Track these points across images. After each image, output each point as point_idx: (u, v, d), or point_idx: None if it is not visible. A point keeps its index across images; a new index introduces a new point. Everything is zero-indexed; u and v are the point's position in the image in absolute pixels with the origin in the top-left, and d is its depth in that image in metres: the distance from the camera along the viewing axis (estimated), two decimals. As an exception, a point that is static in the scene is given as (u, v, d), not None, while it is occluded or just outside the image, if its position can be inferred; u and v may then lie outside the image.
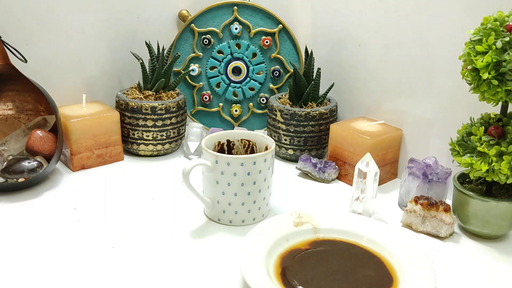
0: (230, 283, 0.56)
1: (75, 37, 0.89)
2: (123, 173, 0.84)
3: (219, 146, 0.73)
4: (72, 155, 0.82)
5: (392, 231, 0.63)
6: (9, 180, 0.74)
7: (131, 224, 0.68)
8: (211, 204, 0.68)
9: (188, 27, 0.97)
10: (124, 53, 0.96)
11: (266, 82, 0.99)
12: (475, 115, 0.68)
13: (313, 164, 0.83)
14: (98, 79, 0.94)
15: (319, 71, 0.88)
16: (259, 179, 0.67)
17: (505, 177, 0.61)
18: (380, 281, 0.56)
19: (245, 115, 1.00)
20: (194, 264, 0.60)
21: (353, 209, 0.71)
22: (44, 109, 0.85)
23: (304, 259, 0.59)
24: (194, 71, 0.98)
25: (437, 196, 0.72)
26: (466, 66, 0.61)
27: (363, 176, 0.69)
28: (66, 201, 0.73)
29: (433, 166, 0.73)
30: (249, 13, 0.97)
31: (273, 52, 0.98)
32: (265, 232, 0.62)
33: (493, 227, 0.65)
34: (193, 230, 0.67)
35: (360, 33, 0.87)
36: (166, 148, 0.90)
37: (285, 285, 0.55)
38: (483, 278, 0.60)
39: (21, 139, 0.82)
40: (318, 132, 0.87)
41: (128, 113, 0.87)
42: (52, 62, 0.88)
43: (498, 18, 0.59)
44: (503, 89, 0.58)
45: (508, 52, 0.57)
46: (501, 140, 0.62)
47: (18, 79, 0.81)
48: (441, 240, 0.67)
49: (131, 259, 0.60)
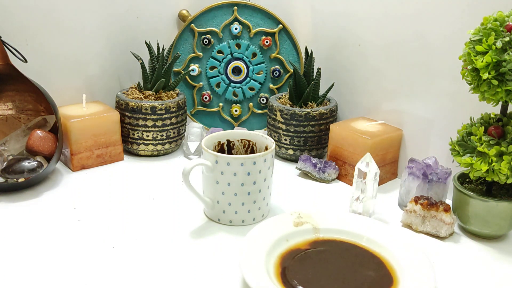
0: (230, 283, 0.56)
1: (75, 37, 0.89)
2: (123, 173, 0.84)
3: (219, 146, 0.73)
4: (72, 155, 0.82)
5: (392, 231, 0.63)
6: (9, 180, 0.74)
7: (131, 224, 0.68)
8: (211, 204, 0.68)
9: (188, 27, 0.97)
10: (124, 53, 0.96)
11: (266, 82, 0.99)
12: (475, 115, 0.68)
13: (313, 164, 0.83)
14: (98, 79, 0.94)
15: (319, 71, 0.88)
16: (259, 179, 0.67)
17: (505, 177, 0.61)
18: (380, 281, 0.56)
19: (245, 115, 1.00)
20: (194, 264, 0.60)
21: (353, 209, 0.71)
22: (44, 109, 0.85)
23: (304, 259, 0.59)
24: (194, 71, 0.98)
25: (437, 196, 0.72)
26: (466, 66, 0.61)
27: (363, 176, 0.69)
28: (66, 201, 0.73)
29: (433, 166, 0.73)
30: (249, 13, 0.97)
31: (273, 52, 0.98)
32: (265, 232, 0.62)
33: (493, 227, 0.65)
34: (193, 230, 0.67)
35: (360, 33, 0.87)
36: (166, 148, 0.90)
37: (285, 285, 0.55)
38: (483, 278, 0.60)
39: (21, 139, 0.82)
40: (318, 132, 0.87)
41: (128, 113, 0.87)
42: (52, 62, 0.88)
43: (498, 18, 0.59)
44: (503, 89, 0.58)
45: (508, 52, 0.57)
46: (501, 140, 0.62)
47: (18, 79, 0.81)
48: (441, 240, 0.67)
49: (131, 259, 0.60)
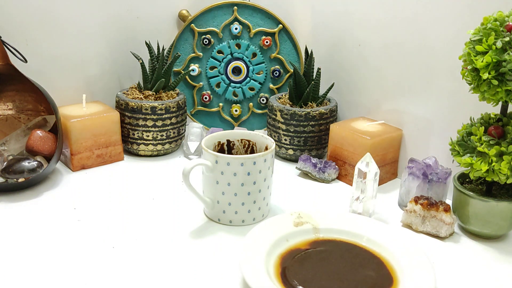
0: (230, 283, 0.56)
1: (75, 37, 0.89)
2: (123, 173, 0.84)
3: (219, 146, 0.73)
4: (72, 155, 0.82)
5: (392, 231, 0.63)
6: (9, 180, 0.74)
7: (131, 224, 0.68)
8: (211, 204, 0.68)
9: (188, 27, 0.97)
10: (124, 53, 0.96)
11: (266, 82, 0.99)
12: (475, 115, 0.68)
13: (313, 164, 0.83)
14: (98, 79, 0.94)
15: (319, 71, 0.88)
16: (259, 179, 0.67)
17: (505, 177, 0.61)
18: (380, 281, 0.56)
19: (245, 115, 1.00)
20: (194, 264, 0.60)
21: (353, 209, 0.71)
22: (44, 109, 0.85)
23: (304, 259, 0.59)
24: (194, 71, 0.98)
25: (437, 196, 0.72)
26: (466, 66, 0.61)
27: (363, 176, 0.69)
28: (66, 201, 0.73)
29: (433, 166, 0.73)
30: (249, 13, 0.97)
31: (273, 52, 0.98)
32: (265, 232, 0.62)
33: (493, 227, 0.65)
34: (193, 230, 0.67)
35: (360, 33, 0.87)
36: (166, 148, 0.90)
37: (285, 285, 0.55)
38: (483, 278, 0.60)
39: (21, 139, 0.82)
40: (318, 132, 0.87)
41: (128, 113, 0.87)
42: (52, 62, 0.88)
43: (498, 18, 0.59)
44: (503, 89, 0.58)
45: (508, 52, 0.57)
46: (501, 140, 0.62)
47: (18, 79, 0.81)
48: (441, 240, 0.67)
49: (131, 259, 0.60)
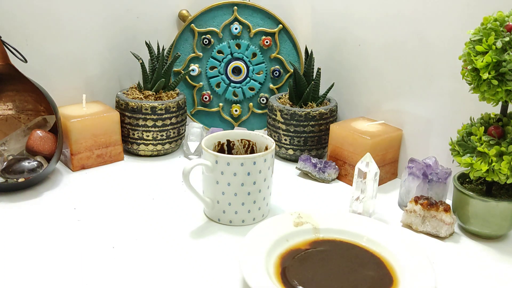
0: (230, 283, 0.56)
1: (75, 37, 0.89)
2: (123, 173, 0.84)
3: (219, 146, 0.73)
4: (72, 155, 0.82)
5: (392, 231, 0.63)
6: (9, 180, 0.74)
7: (131, 224, 0.68)
8: (211, 204, 0.68)
9: (188, 27, 0.97)
10: (124, 53, 0.96)
11: (266, 82, 0.99)
12: (475, 115, 0.68)
13: (313, 164, 0.83)
14: (98, 79, 0.94)
15: (319, 71, 0.88)
16: (259, 179, 0.67)
17: (505, 177, 0.61)
18: (380, 281, 0.56)
19: (245, 115, 1.00)
20: (194, 264, 0.60)
21: (353, 209, 0.71)
22: (44, 109, 0.85)
23: (304, 259, 0.59)
24: (194, 71, 0.98)
25: (437, 196, 0.72)
26: (466, 66, 0.61)
27: (363, 176, 0.69)
28: (66, 201, 0.73)
29: (433, 166, 0.73)
30: (249, 13, 0.97)
31: (273, 52, 0.98)
32: (265, 232, 0.62)
33: (493, 227, 0.65)
34: (193, 230, 0.67)
35: (360, 33, 0.87)
36: (166, 148, 0.90)
37: (285, 285, 0.55)
38: (483, 278, 0.60)
39: (21, 139, 0.81)
40: (318, 132, 0.87)
41: (128, 113, 0.87)
42: (52, 62, 0.88)
43: (498, 18, 0.59)
44: (503, 89, 0.58)
45: (508, 52, 0.57)
46: (501, 140, 0.62)
47: (18, 79, 0.81)
48: (441, 240, 0.67)
49: (131, 259, 0.60)
